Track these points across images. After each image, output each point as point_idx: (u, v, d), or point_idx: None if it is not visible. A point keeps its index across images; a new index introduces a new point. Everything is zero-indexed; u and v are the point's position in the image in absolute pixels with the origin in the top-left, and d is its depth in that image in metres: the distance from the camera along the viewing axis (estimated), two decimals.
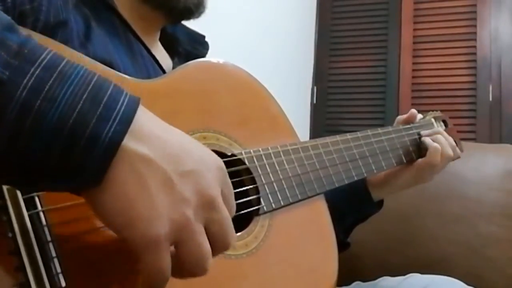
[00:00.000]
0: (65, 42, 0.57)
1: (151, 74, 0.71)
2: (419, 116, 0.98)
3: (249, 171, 0.65)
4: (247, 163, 0.65)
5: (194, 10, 0.78)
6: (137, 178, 0.38)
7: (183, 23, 0.87)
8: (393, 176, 0.91)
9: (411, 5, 2.49)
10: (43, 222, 0.43)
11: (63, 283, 0.42)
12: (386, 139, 0.87)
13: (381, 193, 0.93)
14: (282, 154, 0.70)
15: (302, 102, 2.54)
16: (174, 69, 0.69)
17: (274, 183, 0.67)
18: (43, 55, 0.38)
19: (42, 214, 0.43)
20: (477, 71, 2.34)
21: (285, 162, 0.70)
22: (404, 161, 0.89)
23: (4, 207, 0.42)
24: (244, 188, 0.64)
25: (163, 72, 0.76)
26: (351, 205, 0.91)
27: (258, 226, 0.64)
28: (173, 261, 0.40)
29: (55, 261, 0.42)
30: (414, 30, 2.47)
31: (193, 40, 0.88)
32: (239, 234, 0.62)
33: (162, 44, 0.85)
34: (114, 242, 0.45)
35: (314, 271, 0.68)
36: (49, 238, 0.43)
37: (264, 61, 2.07)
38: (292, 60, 2.43)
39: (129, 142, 0.38)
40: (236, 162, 0.65)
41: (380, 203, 0.95)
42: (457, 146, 0.95)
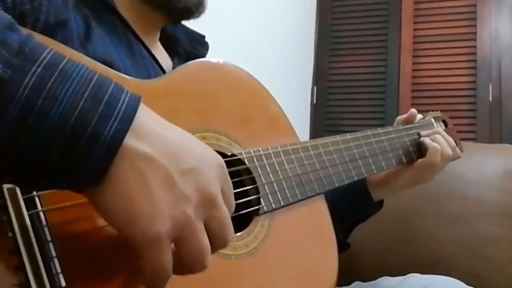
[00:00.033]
0: (65, 42, 0.57)
1: (151, 74, 0.71)
2: (419, 116, 0.98)
3: (249, 171, 0.65)
4: (247, 163, 0.65)
5: (194, 10, 0.78)
6: (138, 176, 0.38)
7: (183, 23, 0.87)
8: (393, 176, 0.91)
9: (411, 5, 2.49)
10: (43, 222, 0.43)
11: (63, 283, 0.42)
12: (386, 139, 0.87)
13: (381, 193, 0.93)
14: (282, 154, 0.70)
15: (302, 102, 2.54)
16: (174, 69, 0.69)
17: (274, 183, 0.67)
18: (44, 54, 0.38)
19: (42, 214, 0.43)
20: (477, 71, 2.34)
21: (285, 162, 0.70)
22: (404, 161, 0.89)
23: (4, 207, 0.42)
24: (244, 188, 0.64)
25: (163, 72, 0.76)
26: (351, 205, 0.91)
27: (258, 226, 0.64)
28: (173, 258, 0.40)
29: (55, 261, 0.42)
30: (414, 30, 2.47)
31: (193, 40, 0.88)
32: (239, 234, 0.62)
33: (162, 44, 0.85)
34: (114, 242, 0.45)
35: (314, 271, 0.68)
36: (49, 238, 0.43)
37: (264, 61, 2.07)
38: (292, 60, 2.43)
39: (130, 140, 0.38)
40: (236, 162, 0.65)
41: (380, 203, 0.95)
42: (457, 146, 0.95)
